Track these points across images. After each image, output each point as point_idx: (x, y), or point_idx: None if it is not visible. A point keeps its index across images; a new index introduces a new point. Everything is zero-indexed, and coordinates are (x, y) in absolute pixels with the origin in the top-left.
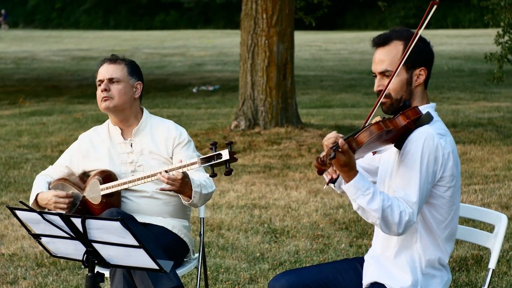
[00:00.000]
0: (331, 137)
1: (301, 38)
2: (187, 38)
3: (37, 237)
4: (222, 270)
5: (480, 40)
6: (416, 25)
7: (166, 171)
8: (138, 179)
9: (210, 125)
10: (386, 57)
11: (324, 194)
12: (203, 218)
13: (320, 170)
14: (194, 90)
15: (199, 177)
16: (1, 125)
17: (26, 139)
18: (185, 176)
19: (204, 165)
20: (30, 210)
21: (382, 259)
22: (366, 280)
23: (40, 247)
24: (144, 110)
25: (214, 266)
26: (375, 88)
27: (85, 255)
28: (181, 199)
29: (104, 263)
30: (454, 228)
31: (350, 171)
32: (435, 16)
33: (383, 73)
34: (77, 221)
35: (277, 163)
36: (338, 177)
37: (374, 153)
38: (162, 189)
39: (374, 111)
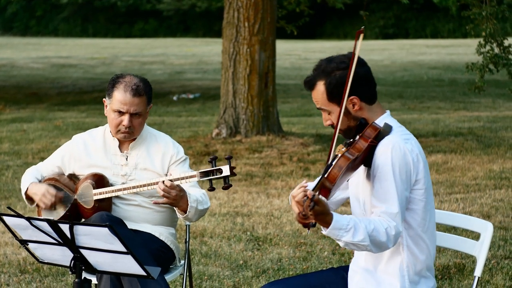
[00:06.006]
0: (299, 192)
1: (281, 47)
2: (166, 46)
3: (24, 243)
4: (206, 277)
5: (459, 50)
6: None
7: (163, 182)
8: (133, 187)
9: (191, 133)
10: (316, 98)
11: None
12: (189, 225)
13: (306, 224)
14: (175, 98)
15: (195, 192)
16: None
17: (6, 146)
18: (180, 189)
19: (203, 178)
20: (18, 216)
21: (370, 269)
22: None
23: (24, 254)
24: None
25: (197, 273)
26: (324, 123)
27: (73, 261)
28: (177, 213)
29: (92, 269)
30: (432, 226)
31: (326, 217)
32: (414, 26)
33: (321, 109)
34: (64, 227)
35: (259, 171)
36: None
37: (347, 180)
38: (156, 203)
39: (334, 146)
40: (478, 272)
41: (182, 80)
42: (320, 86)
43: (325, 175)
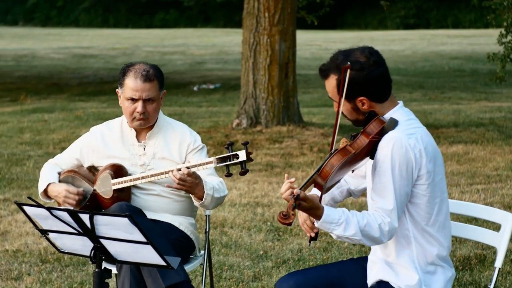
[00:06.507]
0: (286, 189)
1: (301, 37)
2: (187, 37)
3: (44, 232)
4: (226, 267)
5: (480, 40)
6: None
7: (178, 170)
8: (151, 175)
9: (212, 123)
10: (328, 89)
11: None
12: (209, 215)
13: (287, 223)
14: (195, 88)
15: (212, 180)
16: (3, 122)
17: (28, 136)
18: (196, 176)
19: (220, 164)
20: (38, 206)
21: (385, 260)
22: (371, 278)
23: (45, 243)
24: (160, 112)
25: (218, 263)
26: (335, 110)
27: (93, 251)
28: (193, 200)
29: (112, 259)
30: (443, 218)
31: (316, 211)
32: (435, 16)
33: (332, 99)
34: (85, 217)
35: (279, 162)
36: (317, 233)
37: (352, 171)
38: (169, 186)
39: (336, 135)
40: (499, 263)
41: (203, 71)
42: (333, 80)
43: (318, 172)
